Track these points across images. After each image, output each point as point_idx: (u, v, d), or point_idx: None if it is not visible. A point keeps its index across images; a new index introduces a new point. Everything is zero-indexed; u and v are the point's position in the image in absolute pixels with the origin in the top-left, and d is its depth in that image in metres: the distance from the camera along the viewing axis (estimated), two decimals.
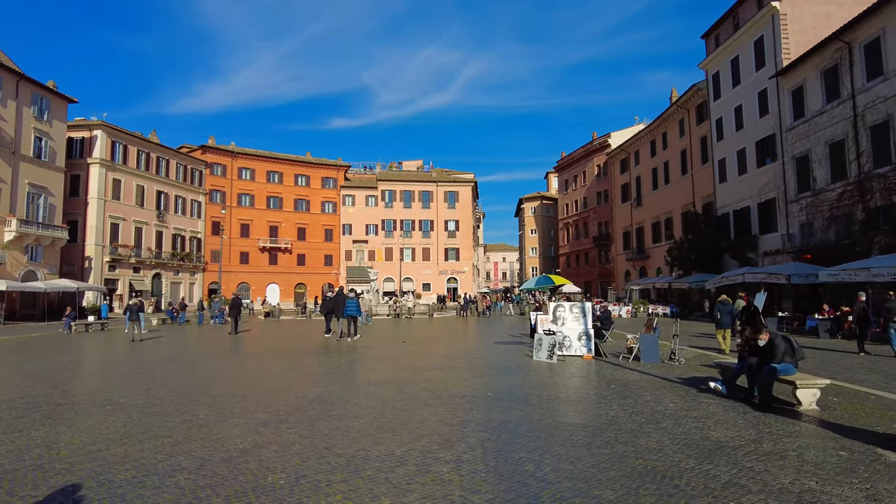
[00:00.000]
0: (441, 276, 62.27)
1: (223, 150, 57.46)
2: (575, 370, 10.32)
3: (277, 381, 9.21)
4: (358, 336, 17.67)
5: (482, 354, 13.25)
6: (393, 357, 12.76)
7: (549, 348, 11.08)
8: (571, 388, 8.41)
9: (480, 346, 15.74)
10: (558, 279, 14.56)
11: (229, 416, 6.45)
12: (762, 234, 30.52)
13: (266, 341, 18.21)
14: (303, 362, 11.68)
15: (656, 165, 45.09)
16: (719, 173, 34.97)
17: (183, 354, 13.72)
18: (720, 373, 8.53)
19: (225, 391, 8.13)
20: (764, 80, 30.00)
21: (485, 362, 11.57)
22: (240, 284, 56.97)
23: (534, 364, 11.02)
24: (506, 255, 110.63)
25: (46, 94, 36.66)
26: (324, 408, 6.92)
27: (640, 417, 6.33)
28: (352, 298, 18.27)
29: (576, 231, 63.12)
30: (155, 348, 15.53)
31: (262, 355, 13.47)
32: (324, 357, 12.74)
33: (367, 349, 14.83)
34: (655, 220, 45.10)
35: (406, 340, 17.27)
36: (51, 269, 36.96)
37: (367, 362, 11.77)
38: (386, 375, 9.70)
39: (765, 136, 30.16)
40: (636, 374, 9.84)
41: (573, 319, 12.17)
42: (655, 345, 11.45)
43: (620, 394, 7.85)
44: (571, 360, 11.64)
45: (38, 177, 35.67)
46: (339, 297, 18.53)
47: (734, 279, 27.55)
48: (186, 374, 10.16)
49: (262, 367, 11.06)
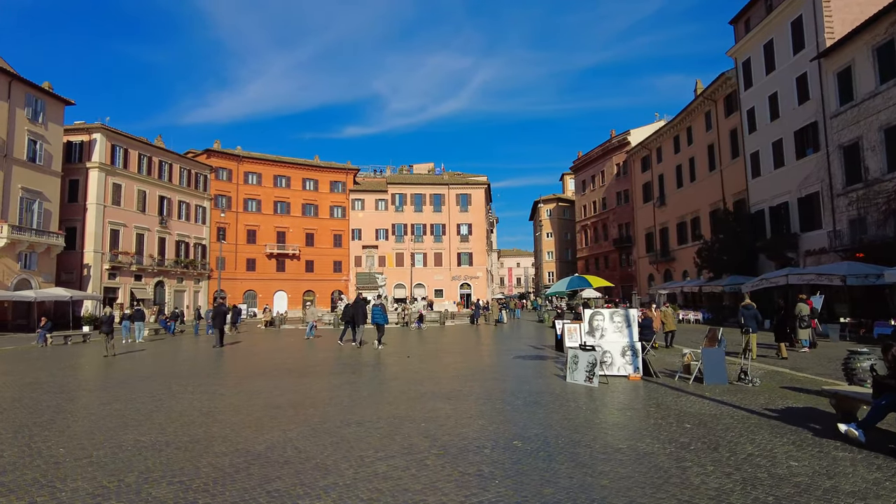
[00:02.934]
0: (454, 282, 59.94)
1: (229, 154, 55.94)
2: (625, 398, 7.96)
3: (223, 419, 6.96)
4: (385, 344, 17.14)
5: (501, 373, 10.93)
6: (391, 378, 10.50)
7: (587, 368, 8.74)
8: (632, 431, 6.05)
9: (498, 361, 13.38)
10: (596, 280, 12.08)
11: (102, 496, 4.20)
12: (803, 232, 27.79)
13: (250, 357, 15.99)
14: (275, 388, 9.43)
15: (681, 162, 42.47)
16: (752, 168, 32.29)
17: (137, 376, 11.45)
18: (835, 404, 6.14)
19: (137, 439, 5.87)
20: (803, 63, 27.37)
21: (505, 385, 9.27)
22: (246, 292, 55.34)
23: (569, 389, 8.68)
24: (520, 260, 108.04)
25: (41, 95, 35.23)
26: (264, 474, 4.63)
27: (760, 493, 3.99)
28: (377, 305, 18.04)
29: (594, 233, 60.45)
30: (116, 367, 13.40)
31: (229, 377, 11.18)
32: (304, 380, 10.45)
33: (362, 366, 12.60)
34: (681, 220, 42.43)
35: (410, 355, 14.95)
36: (46, 278, 35.38)
37: (355, 387, 9.49)
38: (375, 409, 7.43)
39: (805, 124, 27.48)
40: (708, 403, 7.46)
41: (615, 330, 9.81)
42: (722, 362, 9.05)
43: (705, 441, 5.49)
44: (615, 381, 9.28)
45: (32, 181, 34.16)
46: (359, 304, 18.19)
47: (776, 281, 24.99)
48: (108, 406, 7.92)
49: (216, 396, 8.77)
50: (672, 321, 15.93)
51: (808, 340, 15.41)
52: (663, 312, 16.20)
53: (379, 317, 17.65)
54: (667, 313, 16.08)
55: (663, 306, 16.23)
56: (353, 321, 18.06)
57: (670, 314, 16.16)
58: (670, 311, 16.35)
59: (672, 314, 16.36)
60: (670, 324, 15.80)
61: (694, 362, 9.25)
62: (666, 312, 16.10)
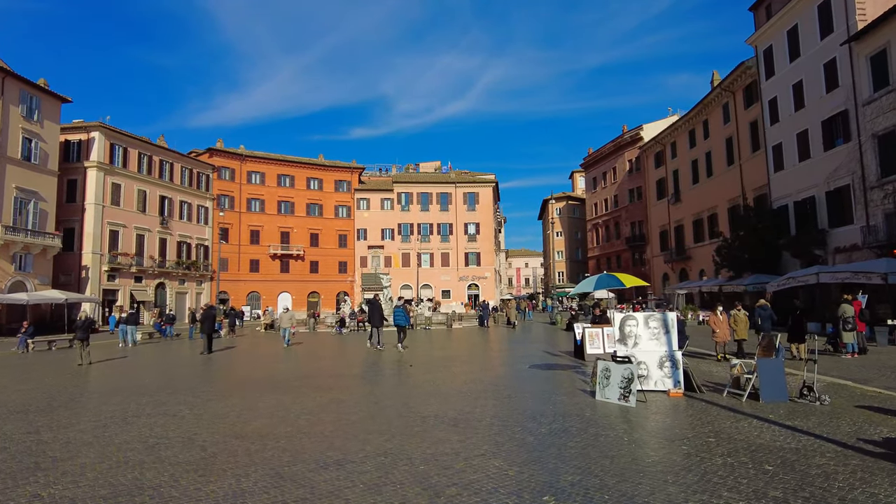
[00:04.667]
0: (461, 283, 58.48)
1: (231, 153, 54.85)
2: (672, 423, 6.52)
3: (168, 456, 5.52)
4: (407, 347, 16.87)
5: (517, 388, 9.48)
6: (388, 395, 9.08)
7: (621, 383, 7.30)
8: (699, 477, 4.56)
9: (512, 372, 11.89)
10: (628, 278, 10.42)
11: None
12: (832, 228, 26.11)
13: (234, 366, 14.56)
14: (248, 409, 8.02)
15: (696, 157, 40.80)
16: (774, 161, 30.61)
17: (99, 392, 10.03)
18: None
19: (34, 495, 4.45)
20: (832, 48, 25.70)
21: (524, 405, 7.84)
22: (250, 294, 54.24)
23: (600, 409, 7.24)
24: (528, 260, 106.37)
25: (36, 92, 34.25)
26: None
27: None
28: (399, 307, 17.80)
29: (606, 232, 58.77)
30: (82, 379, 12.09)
31: (201, 393, 9.74)
32: (284, 397, 8.97)
33: (355, 379, 11.24)
34: (697, 218, 40.77)
35: (413, 364, 13.50)
36: (42, 280, 34.39)
37: (343, 408, 7.97)
38: (362, 441, 6.01)
39: (834, 113, 25.81)
40: (778, 430, 6.01)
41: (650, 337, 8.35)
42: (782, 375, 7.59)
43: (805, 495, 4.04)
44: (652, 398, 7.82)
45: (26, 180, 33.17)
46: (374, 306, 17.99)
47: (804, 280, 23.41)
48: (32, 437, 6.46)
49: (174, 420, 7.34)
50: (744, 328, 13.11)
51: (855, 345, 13.91)
52: (734, 317, 13.22)
53: (401, 318, 17.25)
54: (738, 318, 13.21)
55: (734, 310, 13.41)
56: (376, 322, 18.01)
57: (742, 319, 13.22)
58: (742, 316, 13.33)
59: (744, 319, 13.27)
60: (742, 331, 13.06)
61: (746, 375, 7.78)
62: (737, 317, 13.24)
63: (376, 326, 17.50)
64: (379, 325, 17.59)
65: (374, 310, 17.82)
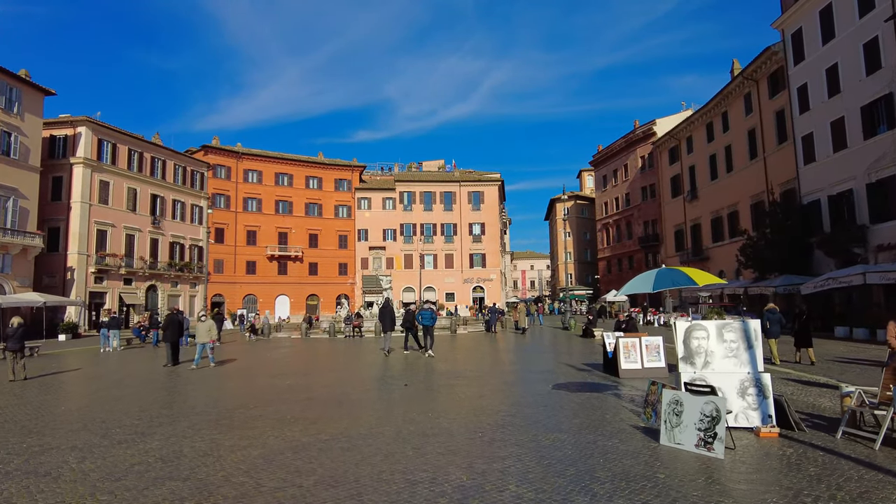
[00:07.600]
0: (466, 285, 56.19)
1: (227, 151, 52.87)
2: (785, 489, 4.28)
3: None
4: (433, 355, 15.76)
5: (546, 426, 6.96)
6: (369, 433, 6.80)
7: (701, 424, 5.06)
8: None
9: (533, 396, 9.32)
10: (700, 274, 7.66)
11: None
12: (874, 224, 23.74)
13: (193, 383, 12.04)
14: (174, 454, 5.83)
15: (715, 151, 38.48)
16: (804, 152, 28.27)
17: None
18: None
19: None
20: (872, 26, 23.39)
21: (561, 458, 5.51)
22: (246, 296, 52.19)
23: (672, 462, 5.00)
24: (534, 262, 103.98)
25: (16, 83, 32.32)
26: None
27: None
28: (425, 309, 17.15)
29: (617, 232, 56.37)
30: (16, 397, 9.93)
31: (126, 425, 7.36)
32: (230, 434, 6.75)
33: (333, 406, 9.04)
34: (716, 216, 38.42)
35: (409, 382, 11.18)
36: (22, 282, 32.39)
37: (301, 458, 5.63)
38: None
39: (875, 97, 23.46)
40: None
41: (726, 355, 6.09)
42: None
43: None
44: (738, 439, 5.55)
45: (4, 176, 31.23)
46: (385, 309, 17.42)
47: (846, 280, 21.22)
48: None
49: (47, 481, 5.09)
50: None
51: None
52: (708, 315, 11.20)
53: (428, 320, 16.52)
54: None
55: None
56: (410, 327, 17.36)
57: None
58: None
59: None
60: None
61: (875, 411, 5.52)
62: None
63: (386, 331, 16.94)
64: (389, 329, 16.94)
65: (385, 314, 17.19)
